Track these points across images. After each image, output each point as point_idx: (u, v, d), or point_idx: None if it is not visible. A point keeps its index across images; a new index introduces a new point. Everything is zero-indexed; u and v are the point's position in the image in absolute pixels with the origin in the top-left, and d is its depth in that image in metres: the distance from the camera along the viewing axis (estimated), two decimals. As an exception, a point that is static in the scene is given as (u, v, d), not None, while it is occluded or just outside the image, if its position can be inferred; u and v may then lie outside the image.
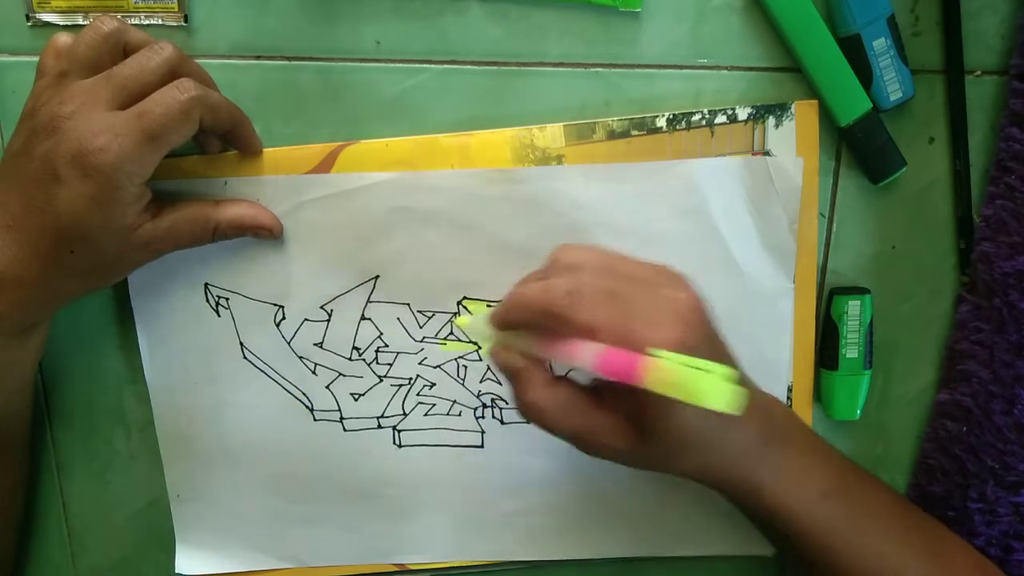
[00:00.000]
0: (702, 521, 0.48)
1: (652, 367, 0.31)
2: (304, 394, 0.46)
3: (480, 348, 0.45)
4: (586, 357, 0.33)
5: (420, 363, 0.46)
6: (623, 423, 0.36)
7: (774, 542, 0.43)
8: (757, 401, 0.39)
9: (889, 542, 0.41)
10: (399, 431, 0.46)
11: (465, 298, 0.45)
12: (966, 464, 0.45)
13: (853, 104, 0.43)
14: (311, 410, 0.46)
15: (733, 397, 0.30)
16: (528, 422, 0.37)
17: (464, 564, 0.48)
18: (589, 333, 0.34)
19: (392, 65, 0.43)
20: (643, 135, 0.43)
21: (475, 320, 0.40)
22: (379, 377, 0.46)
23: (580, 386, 0.37)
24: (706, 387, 0.30)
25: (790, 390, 0.46)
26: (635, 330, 0.33)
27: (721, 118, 0.43)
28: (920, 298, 0.46)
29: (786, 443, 0.40)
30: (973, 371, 0.45)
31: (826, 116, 0.44)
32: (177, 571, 0.48)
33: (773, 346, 0.46)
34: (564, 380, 0.37)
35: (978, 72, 0.44)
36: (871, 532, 0.40)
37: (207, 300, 0.45)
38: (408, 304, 0.45)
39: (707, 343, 0.35)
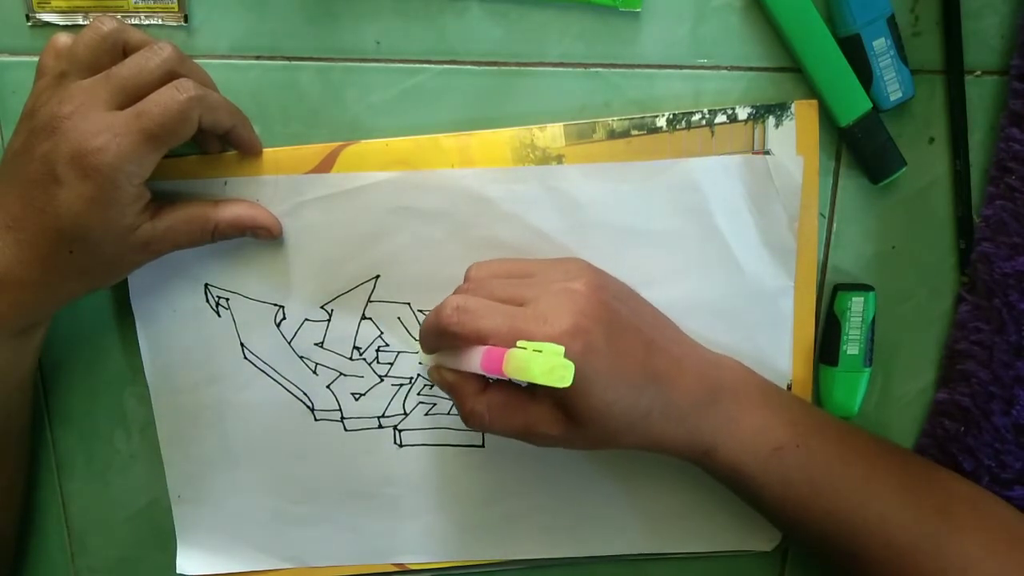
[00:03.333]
0: (701, 518, 0.48)
1: (508, 357, 0.34)
2: (305, 394, 0.46)
3: None
4: (475, 361, 0.36)
5: (421, 362, 0.46)
6: (554, 411, 0.37)
7: (749, 504, 0.43)
8: (702, 365, 0.41)
9: (865, 488, 0.40)
10: (400, 431, 0.46)
11: (465, 298, 0.45)
12: (962, 464, 0.45)
13: (853, 104, 0.43)
14: (312, 410, 0.46)
15: (560, 372, 0.33)
16: (473, 430, 0.39)
17: (464, 564, 0.48)
18: (482, 340, 0.36)
19: (392, 65, 0.43)
20: (643, 135, 0.43)
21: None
22: (380, 377, 0.46)
23: (515, 385, 0.39)
24: (534, 367, 0.33)
25: (789, 388, 0.46)
26: (523, 329, 0.35)
27: (721, 118, 0.43)
28: (920, 298, 0.46)
29: (737, 402, 0.41)
30: (972, 371, 0.45)
31: (826, 116, 0.44)
32: (178, 571, 0.48)
33: (773, 343, 0.46)
34: (497, 384, 0.39)
35: (978, 72, 0.44)
36: (837, 482, 0.40)
37: (207, 300, 0.45)
38: (408, 303, 0.45)
39: (603, 324, 0.37)
